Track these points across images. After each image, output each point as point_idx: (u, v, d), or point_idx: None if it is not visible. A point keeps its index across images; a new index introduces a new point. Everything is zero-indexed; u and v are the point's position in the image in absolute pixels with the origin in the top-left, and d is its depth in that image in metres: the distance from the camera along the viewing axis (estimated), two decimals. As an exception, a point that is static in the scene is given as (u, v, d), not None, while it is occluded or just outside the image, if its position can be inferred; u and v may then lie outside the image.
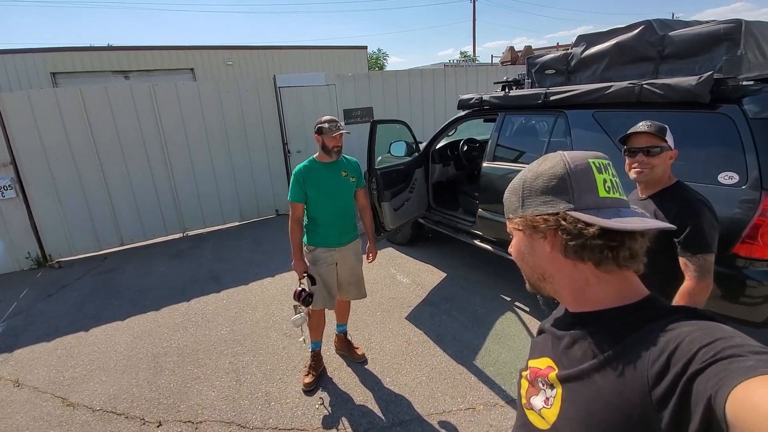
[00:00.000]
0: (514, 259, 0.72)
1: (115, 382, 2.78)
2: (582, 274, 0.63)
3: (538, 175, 0.64)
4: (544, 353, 0.72)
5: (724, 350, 0.45)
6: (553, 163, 0.64)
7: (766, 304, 1.98)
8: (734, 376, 0.42)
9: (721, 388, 0.42)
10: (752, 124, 1.97)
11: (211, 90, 5.61)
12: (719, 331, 0.49)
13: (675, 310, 0.58)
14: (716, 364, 0.44)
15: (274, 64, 14.60)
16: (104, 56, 12.36)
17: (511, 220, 0.70)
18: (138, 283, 4.32)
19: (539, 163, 0.66)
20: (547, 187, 0.63)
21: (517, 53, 14.77)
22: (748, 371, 0.41)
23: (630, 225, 0.56)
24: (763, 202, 1.91)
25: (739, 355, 0.44)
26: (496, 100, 3.36)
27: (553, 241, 0.63)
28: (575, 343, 0.64)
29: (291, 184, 2.45)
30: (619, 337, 0.58)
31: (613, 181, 0.63)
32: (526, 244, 0.67)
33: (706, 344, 0.47)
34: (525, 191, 0.66)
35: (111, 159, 5.12)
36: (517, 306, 3.39)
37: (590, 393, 0.58)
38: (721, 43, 2.11)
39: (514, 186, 0.69)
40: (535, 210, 0.63)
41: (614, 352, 0.57)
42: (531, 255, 0.67)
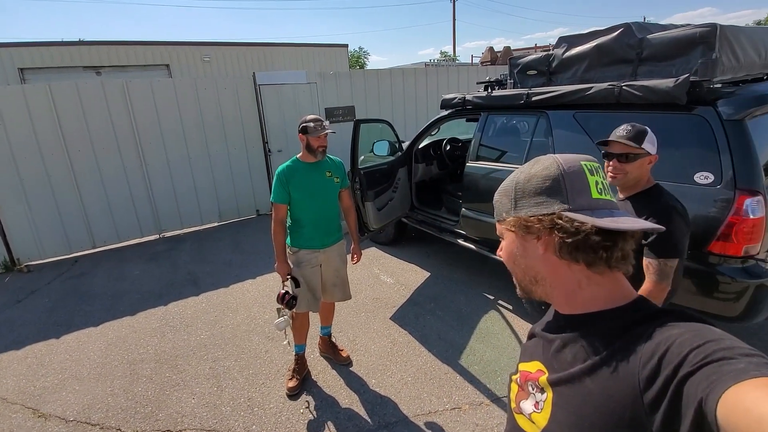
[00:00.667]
0: (505, 262, 0.71)
1: (89, 391, 2.66)
2: (575, 276, 0.63)
3: (531, 176, 0.64)
4: (534, 357, 0.72)
5: (714, 353, 0.46)
6: (546, 165, 0.64)
7: (740, 299, 2.05)
8: (725, 380, 0.42)
9: (712, 391, 0.42)
10: (726, 126, 2.03)
11: (188, 87, 5.45)
12: (709, 333, 0.49)
13: (664, 313, 0.58)
14: (707, 366, 0.45)
15: (253, 61, 14.33)
16: (75, 51, 11.87)
17: (502, 222, 0.69)
18: (112, 287, 4.16)
19: (531, 165, 0.66)
20: (541, 188, 0.62)
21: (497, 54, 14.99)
22: (739, 374, 0.41)
23: (624, 225, 0.57)
24: (737, 202, 1.97)
25: (729, 357, 0.44)
26: (479, 100, 3.38)
27: (547, 242, 0.62)
28: (566, 346, 0.64)
29: (274, 184, 2.39)
30: (609, 339, 0.58)
31: (604, 183, 0.64)
32: (518, 246, 0.67)
33: (697, 347, 0.47)
34: (518, 193, 0.65)
35: (82, 158, 4.91)
36: (501, 304, 3.42)
37: (581, 396, 0.58)
38: (696, 47, 2.16)
39: (506, 188, 0.68)
40: (529, 211, 0.63)
41: (605, 355, 0.57)
42: (523, 257, 0.67)
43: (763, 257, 2.00)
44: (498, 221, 0.71)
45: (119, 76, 11.82)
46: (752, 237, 1.96)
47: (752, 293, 2.00)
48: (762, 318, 2.09)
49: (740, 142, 1.99)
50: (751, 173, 1.97)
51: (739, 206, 1.96)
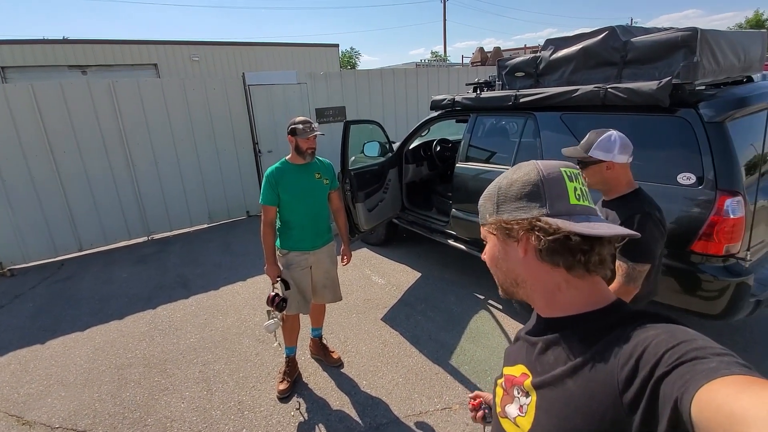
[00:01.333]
0: (488, 264, 0.73)
1: (76, 397, 2.62)
2: (554, 279, 0.64)
3: (513, 182, 0.66)
4: (518, 360, 0.73)
5: (687, 353, 0.47)
6: (527, 171, 0.65)
7: (721, 297, 2.09)
8: (698, 379, 0.43)
9: (686, 391, 0.43)
10: (708, 128, 2.07)
11: (177, 87, 5.39)
12: (682, 333, 0.51)
13: (641, 315, 0.59)
14: (681, 366, 0.46)
15: (243, 61, 14.24)
16: (59, 50, 11.66)
17: (485, 225, 0.71)
18: (99, 290, 4.10)
19: (514, 170, 0.68)
20: (521, 194, 0.64)
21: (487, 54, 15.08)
22: (711, 373, 0.43)
23: (598, 231, 0.58)
24: (718, 202, 2.02)
25: (702, 357, 0.46)
26: (468, 102, 3.40)
27: (527, 246, 0.64)
28: (548, 349, 0.65)
29: (263, 186, 2.38)
30: (589, 342, 0.59)
31: (582, 190, 0.65)
32: (500, 249, 0.69)
33: (671, 347, 0.49)
34: (500, 197, 0.67)
35: (67, 160, 4.82)
36: (491, 304, 3.45)
37: (563, 399, 0.59)
38: (678, 50, 2.21)
39: (490, 192, 0.70)
40: (510, 215, 0.65)
41: (586, 357, 0.58)
42: (504, 260, 0.69)
43: (743, 256, 2.05)
44: (482, 225, 0.73)
45: (106, 75, 11.65)
46: (733, 236, 2.01)
47: (733, 291, 2.05)
48: (742, 315, 2.14)
49: (721, 144, 2.04)
50: (732, 174, 2.02)
51: (720, 206, 2.00)
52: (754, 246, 2.10)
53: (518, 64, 3.11)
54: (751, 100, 2.17)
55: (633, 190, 1.62)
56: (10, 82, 10.00)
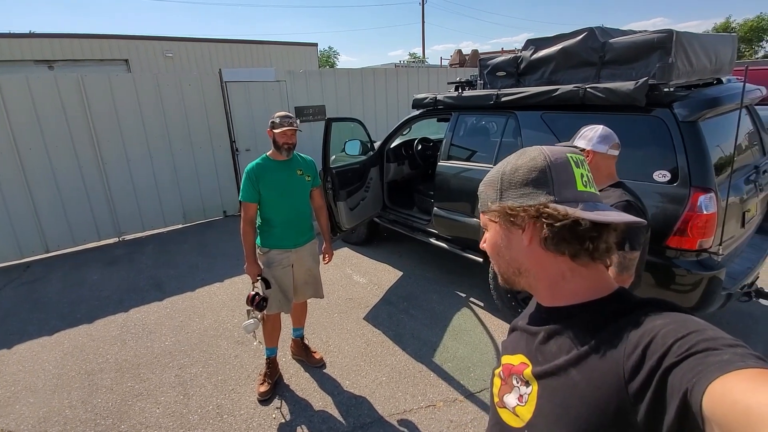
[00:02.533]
0: (489, 254, 0.70)
1: (45, 403, 2.49)
2: (559, 267, 0.63)
3: (518, 167, 0.64)
4: (518, 350, 0.71)
5: (698, 343, 0.46)
6: (533, 156, 0.63)
7: (695, 291, 2.17)
8: (711, 371, 0.42)
9: (697, 383, 0.42)
10: (682, 127, 2.15)
11: (149, 83, 5.20)
12: (692, 323, 0.50)
13: (646, 303, 0.58)
14: (692, 357, 0.45)
15: (218, 57, 13.93)
16: (25, 44, 11.12)
17: (486, 213, 0.69)
18: (68, 293, 3.91)
19: (518, 156, 0.66)
20: (528, 179, 0.62)
21: (465, 56, 15.26)
22: (725, 366, 0.42)
23: (609, 218, 0.58)
24: (692, 198, 2.09)
25: (714, 348, 0.45)
26: (450, 100, 3.42)
27: (533, 233, 0.62)
28: (550, 339, 0.64)
29: (243, 182, 2.32)
30: (594, 331, 0.58)
31: (588, 176, 0.64)
32: (502, 237, 0.67)
33: (681, 337, 0.47)
34: (504, 183, 0.65)
35: (33, 157, 4.59)
36: (473, 302, 3.47)
37: (566, 388, 0.58)
38: (654, 51, 2.28)
39: (491, 178, 0.68)
40: (515, 202, 0.63)
41: (590, 346, 0.57)
42: (507, 248, 0.66)
43: (715, 251, 2.13)
44: (482, 212, 0.70)
45: (74, 70, 11.14)
46: (706, 231, 2.08)
47: (706, 285, 2.12)
48: (714, 308, 2.22)
49: (694, 143, 2.11)
50: (704, 172, 2.09)
51: (694, 202, 2.07)
52: (725, 241, 2.19)
53: (500, 64, 3.15)
54: (723, 101, 2.27)
55: (616, 182, 1.66)
56: (-32, 76, 9.45)
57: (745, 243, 2.62)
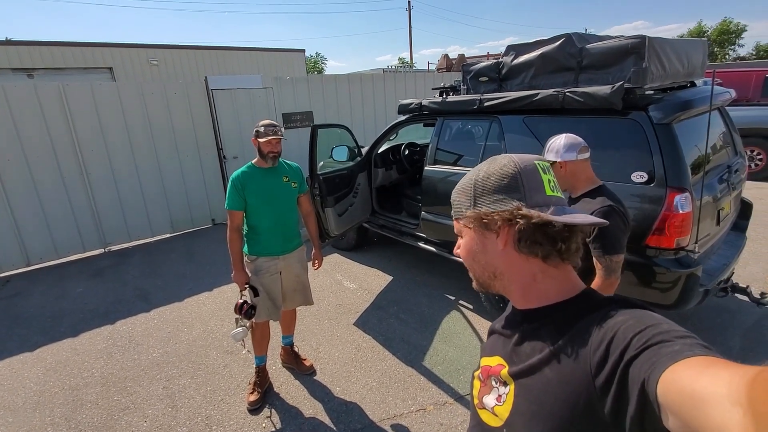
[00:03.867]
0: (463, 259, 0.72)
1: (25, 422, 2.43)
2: (530, 269, 0.66)
3: (490, 174, 0.67)
4: (495, 352, 0.74)
5: (653, 337, 0.49)
6: (504, 164, 0.67)
7: (674, 288, 2.22)
8: (663, 361, 0.45)
9: (652, 373, 0.45)
10: (657, 129, 2.21)
11: (134, 91, 5.16)
12: (649, 318, 0.54)
13: (610, 301, 0.62)
14: (648, 350, 0.48)
15: (205, 65, 13.86)
16: (2, 51, 10.90)
17: (460, 219, 0.71)
18: (50, 307, 3.83)
19: (488, 164, 0.69)
20: (500, 186, 0.65)
21: (452, 61, 15.45)
22: (675, 355, 0.45)
23: (576, 220, 0.62)
24: (668, 198, 2.15)
25: (667, 340, 0.48)
26: (435, 106, 3.46)
27: (507, 237, 0.65)
28: (525, 340, 0.67)
29: (228, 191, 2.32)
30: (563, 330, 0.61)
31: (554, 182, 0.68)
32: (477, 243, 0.69)
33: (639, 332, 0.51)
34: (477, 190, 0.67)
35: (12, 169, 4.49)
36: (462, 304, 3.50)
37: (541, 386, 0.60)
38: (629, 56, 2.35)
39: (464, 186, 0.70)
40: (489, 207, 0.65)
41: (560, 345, 0.60)
42: (482, 253, 0.69)
43: (692, 249, 2.19)
44: (456, 219, 0.72)
45: (55, 78, 10.97)
46: (682, 230, 2.14)
47: (684, 282, 2.18)
48: (693, 304, 2.28)
49: (669, 144, 2.18)
50: (680, 172, 2.15)
51: (671, 202, 2.13)
52: (701, 239, 2.25)
53: (482, 69, 3.20)
54: (695, 103, 2.34)
55: (596, 186, 1.71)
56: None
57: (720, 240, 2.70)
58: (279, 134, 2.30)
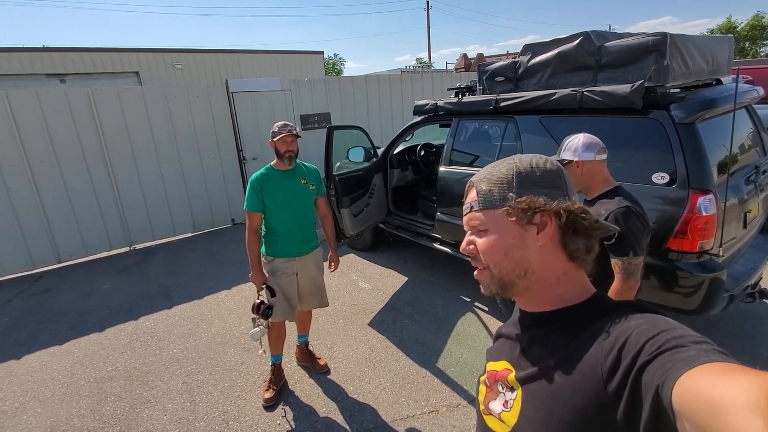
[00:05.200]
0: (489, 255, 0.67)
1: (53, 413, 2.54)
2: (557, 269, 0.66)
3: (534, 167, 0.66)
4: (501, 356, 0.73)
5: (668, 342, 0.48)
6: (545, 160, 0.67)
7: (697, 293, 2.15)
8: (678, 367, 0.44)
9: (667, 379, 0.44)
10: (679, 129, 2.14)
11: (158, 95, 5.33)
12: (663, 323, 0.52)
13: (621, 305, 0.61)
14: (662, 355, 0.47)
15: (226, 68, 14.16)
16: (37, 58, 11.43)
17: (494, 209, 0.66)
18: (79, 303, 3.99)
19: (525, 158, 0.68)
20: (545, 180, 0.65)
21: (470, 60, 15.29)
22: (691, 361, 0.44)
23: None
24: (691, 200, 2.08)
25: (681, 345, 0.47)
26: (450, 106, 3.45)
27: (551, 232, 0.64)
28: (533, 344, 0.66)
29: (247, 192, 2.36)
30: (574, 334, 0.60)
31: None
32: (516, 236, 0.65)
33: (652, 337, 0.50)
34: (522, 181, 0.65)
35: (45, 170, 4.71)
36: (477, 306, 3.47)
37: (549, 392, 0.59)
38: (649, 54, 2.28)
39: (498, 176, 0.67)
40: (540, 199, 0.64)
41: (570, 350, 0.59)
42: (520, 248, 0.65)
43: (716, 252, 2.11)
44: (485, 209, 0.67)
45: (86, 83, 11.43)
46: (706, 233, 2.07)
47: (707, 287, 2.11)
48: (717, 310, 2.20)
49: (692, 144, 2.11)
50: (703, 173, 2.08)
51: (693, 204, 2.07)
52: (726, 242, 2.17)
53: (498, 69, 3.17)
54: (720, 102, 2.26)
55: (613, 187, 1.67)
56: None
57: (748, 244, 2.59)
58: (293, 132, 2.33)
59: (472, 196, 0.70)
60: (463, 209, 0.72)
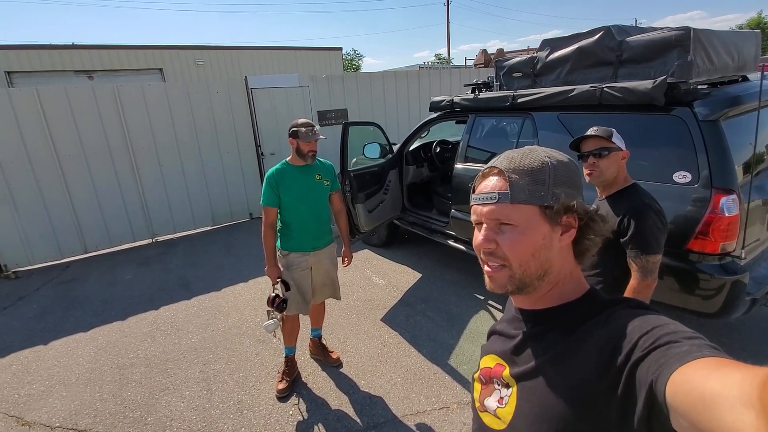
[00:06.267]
0: (519, 254, 0.62)
1: (77, 396, 2.66)
2: (568, 269, 0.66)
3: (563, 163, 0.63)
4: (490, 351, 0.74)
5: (661, 337, 0.48)
6: (565, 156, 0.65)
7: (718, 296, 2.09)
8: (671, 362, 0.44)
9: (660, 374, 0.44)
10: (702, 126, 2.08)
11: (180, 91, 5.46)
12: (655, 319, 0.53)
13: (614, 302, 0.61)
14: (655, 351, 0.47)
15: (246, 64, 14.35)
16: (66, 55, 11.82)
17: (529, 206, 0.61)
18: (103, 292, 4.15)
19: (548, 151, 0.65)
20: (572, 179, 0.64)
21: (490, 56, 15.07)
22: (683, 356, 0.44)
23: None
24: (713, 200, 2.02)
25: (675, 341, 0.47)
26: (467, 102, 3.42)
27: (572, 234, 0.64)
28: (529, 341, 0.66)
29: (264, 187, 2.40)
30: (568, 331, 0.61)
31: None
32: (545, 237, 0.61)
33: (645, 333, 0.50)
34: (556, 178, 0.61)
35: (72, 164, 4.89)
36: (491, 304, 3.45)
37: (545, 388, 0.60)
38: (673, 49, 2.22)
39: (535, 168, 0.61)
40: (568, 198, 0.62)
41: (565, 347, 0.59)
42: (548, 249, 0.62)
43: (738, 254, 2.05)
44: (517, 202, 0.61)
45: (112, 80, 11.79)
46: (728, 234, 2.01)
47: (729, 289, 2.04)
48: (739, 314, 2.13)
49: (716, 143, 2.04)
50: (726, 173, 2.02)
51: (716, 205, 2.00)
52: (749, 244, 2.10)
53: (515, 65, 3.13)
54: (745, 99, 2.18)
55: (631, 184, 1.64)
56: (15, 87, 10.14)
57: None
58: (318, 136, 2.35)
59: (500, 185, 0.62)
60: (480, 198, 0.65)
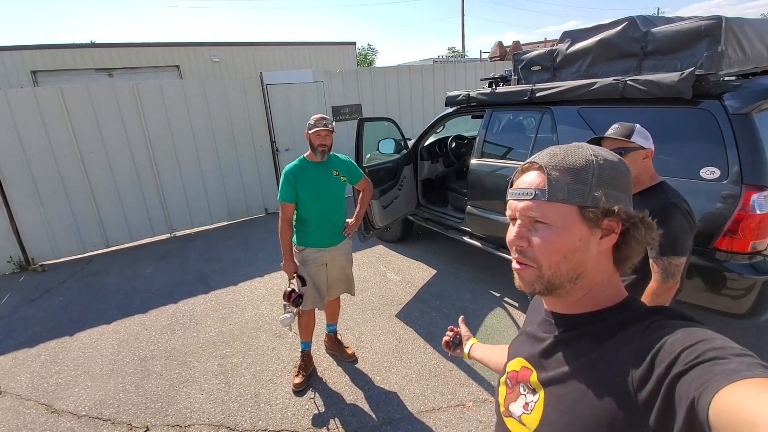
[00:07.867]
0: (551, 254, 0.59)
1: (101, 387, 2.74)
2: (605, 275, 0.63)
3: (611, 163, 0.60)
4: (518, 354, 0.72)
5: (706, 352, 0.46)
6: (615, 156, 0.61)
7: (748, 296, 2.01)
8: (717, 380, 0.42)
9: (704, 391, 0.42)
10: (733, 120, 1.99)
11: (197, 88, 5.52)
12: (700, 333, 0.50)
13: (655, 311, 0.58)
14: (699, 366, 0.45)
15: (261, 60, 14.43)
16: (87, 54, 12.08)
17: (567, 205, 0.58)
18: (124, 285, 4.25)
19: (595, 149, 0.61)
20: (620, 181, 0.60)
21: (506, 48, 14.80)
22: (731, 375, 0.41)
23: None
24: (744, 197, 1.94)
25: (721, 357, 0.44)
26: (483, 97, 3.37)
27: (613, 238, 0.60)
28: (560, 346, 0.64)
29: (281, 183, 2.42)
30: (603, 339, 0.58)
31: None
32: (581, 239, 0.58)
33: (689, 346, 0.47)
34: (600, 178, 0.58)
35: (94, 160, 5.02)
36: (507, 301, 3.41)
37: (574, 396, 0.58)
38: (702, 40, 2.13)
39: (578, 167, 0.58)
40: (611, 201, 0.57)
41: (599, 355, 0.57)
42: (583, 252, 0.59)
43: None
44: (555, 200, 0.58)
45: (131, 77, 12.01)
46: (759, 233, 1.93)
47: (759, 290, 1.97)
48: (770, 315, 2.05)
49: (747, 137, 1.95)
50: (758, 168, 1.93)
51: (746, 201, 1.92)
52: (782, 243, 2.01)
53: (534, 58, 3.06)
54: (781, 91, 2.08)
55: (657, 182, 1.57)
56: (40, 86, 10.41)
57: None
58: (329, 126, 2.35)
59: (538, 181, 0.60)
60: (517, 193, 0.62)
